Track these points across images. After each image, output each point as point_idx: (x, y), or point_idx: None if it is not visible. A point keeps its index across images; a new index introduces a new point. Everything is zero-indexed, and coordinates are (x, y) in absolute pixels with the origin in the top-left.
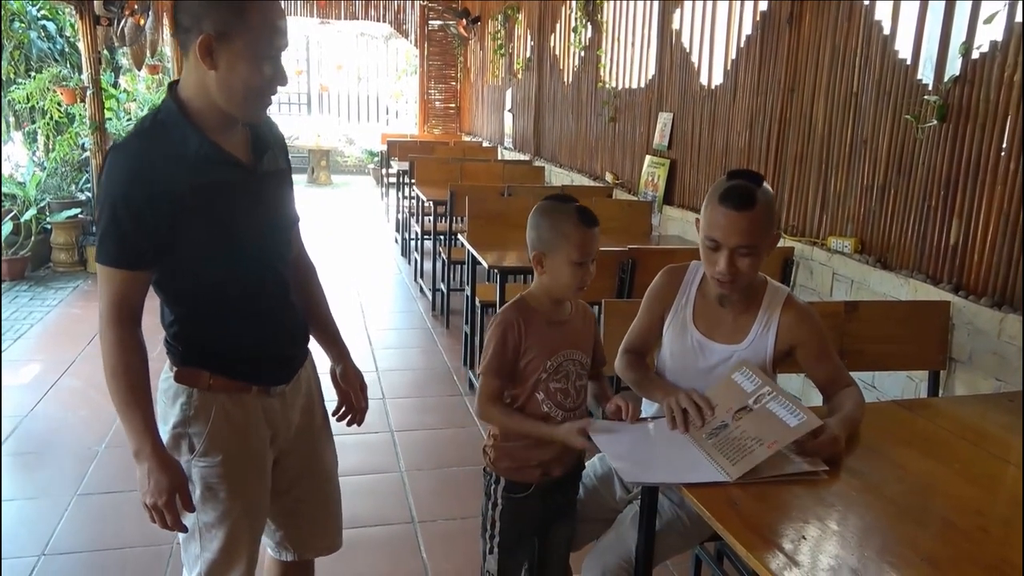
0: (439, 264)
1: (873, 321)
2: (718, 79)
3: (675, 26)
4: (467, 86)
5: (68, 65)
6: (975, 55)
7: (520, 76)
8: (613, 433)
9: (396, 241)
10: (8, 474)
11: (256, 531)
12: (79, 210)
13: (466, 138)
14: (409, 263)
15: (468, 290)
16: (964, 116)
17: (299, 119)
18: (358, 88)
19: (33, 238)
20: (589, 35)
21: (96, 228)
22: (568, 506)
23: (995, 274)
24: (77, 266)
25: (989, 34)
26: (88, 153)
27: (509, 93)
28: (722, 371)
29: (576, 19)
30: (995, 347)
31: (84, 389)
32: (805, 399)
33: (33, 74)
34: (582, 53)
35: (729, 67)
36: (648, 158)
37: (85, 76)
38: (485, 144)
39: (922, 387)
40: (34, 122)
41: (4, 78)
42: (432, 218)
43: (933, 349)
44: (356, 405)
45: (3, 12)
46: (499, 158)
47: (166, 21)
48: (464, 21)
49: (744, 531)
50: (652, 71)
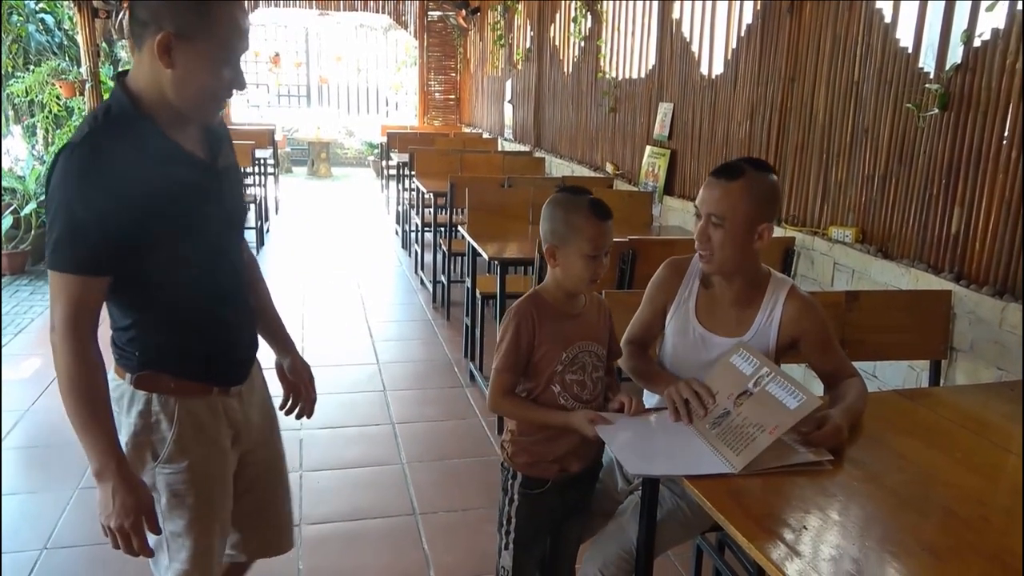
0: (439, 256)
1: (874, 311)
2: (718, 69)
3: (675, 16)
4: (467, 77)
5: (67, 58)
6: (977, 43)
7: (520, 67)
8: (617, 425)
9: (396, 233)
10: (10, 468)
11: (224, 537)
12: None
13: (466, 129)
14: (409, 255)
15: (468, 282)
16: (966, 105)
17: (299, 111)
18: (358, 80)
19: (33, 232)
20: (589, 25)
21: (48, 232)
22: (583, 502)
23: (996, 263)
24: None
25: (991, 22)
26: None
27: (509, 84)
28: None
29: (576, 9)
30: (996, 336)
31: None
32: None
33: (32, 68)
34: (582, 43)
35: (729, 57)
36: (648, 148)
37: (84, 69)
38: (485, 135)
39: (923, 376)
40: (33, 116)
41: (3, 72)
42: (432, 210)
43: (934, 338)
44: (306, 397)
45: (1, 6)
46: (499, 149)
47: None
48: (463, 12)
49: (745, 521)
50: (652, 61)
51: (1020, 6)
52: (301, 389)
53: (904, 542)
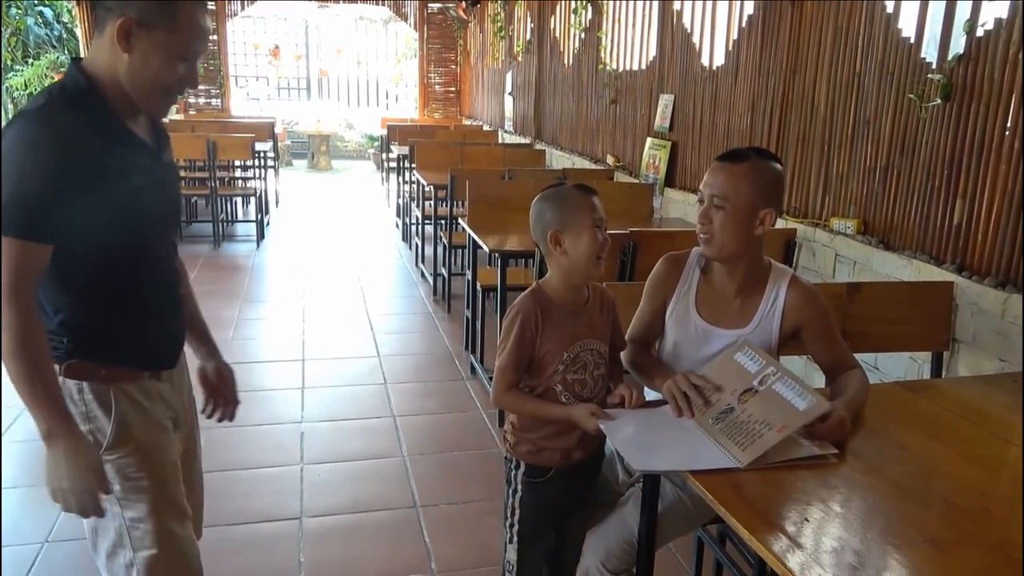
0: (440, 249)
1: (876, 302)
2: (719, 60)
3: (676, 7)
4: (467, 69)
5: (66, 51)
6: (979, 33)
7: (520, 59)
8: (619, 419)
9: (397, 226)
10: (11, 462)
11: (187, 521)
12: None
13: (466, 122)
14: (410, 248)
15: (469, 274)
16: (968, 95)
17: (298, 104)
18: (357, 72)
19: None
20: (589, 16)
21: None
22: (587, 493)
23: (999, 254)
24: None
25: (993, 12)
26: None
27: (509, 76)
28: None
29: (576, 0)
30: (998, 327)
31: None
32: (808, 382)
33: (31, 61)
34: (582, 35)
35: (731, 48)
36: (649, 140)
37: None
38: (486, 128)
39: (925, 368)
40: None
41: (3, 65)
42: (433, 202)
43: (936, 330)
44: (230, 400)
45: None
46: (499, 142)
47: None
48: (463, 4)
49: (747, 514)
50: (653, 52)
51: None
52: (224, 392)
53: (906, 534)
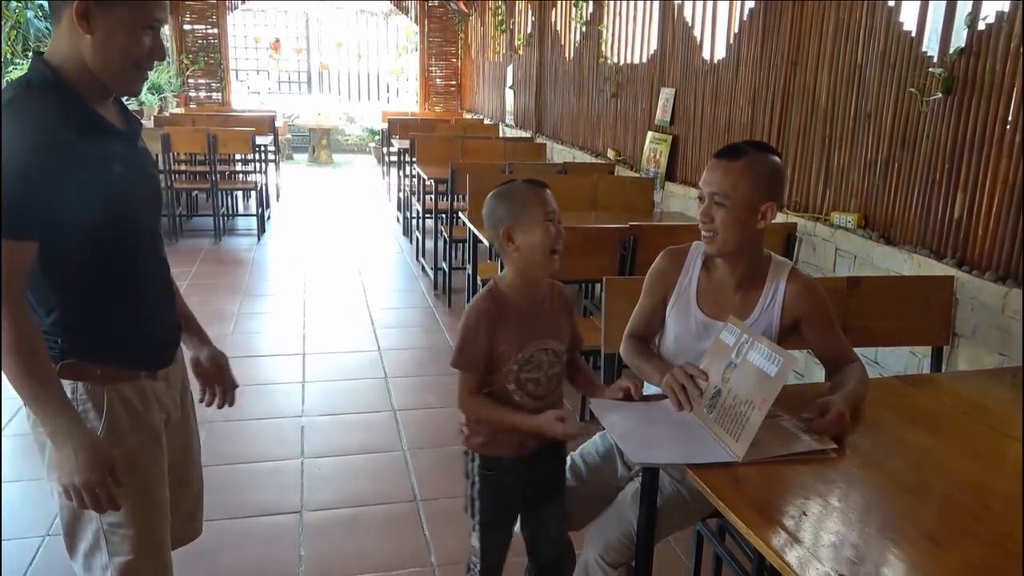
0: (440, 243)
1: (876, 297)
2: (720, 53)
3: (677, 1)
4: (468, 63)
5: None
6: (981, 26)
7: (521, 52)
8: (619, 413)
9: (397, 220)
10: (12, 455)
11: (167, 523)
12: None
13: (467, 115)
14: (411, 242)
15: (469, 268)
16: (969, 89)
17: (299, 98)
18: (358, 66)
19: None
20: (590, 10)
21: None
22: (552, 483)
23: (999, 248)
24: None
25: (995, 5)
26: None
27: (510, 70)
28: None
29: None
30: (999, 322)
31: None
32: (808, 375)
33: (31, 54)
34: (583, 28)
35: (731, 41)
36: (650, 134)
37: None
38: (487, 121)
39: (925, 363)
40: None
41: (2, 58)
42: (433, 196)
43: (936, 324)
44: (227, 386)
45: None
46: (500, 135)
47: None
48: None
49: (745, 508)
50: (654, 46)
51: None
52: (220, 379)
53: (904, 529)
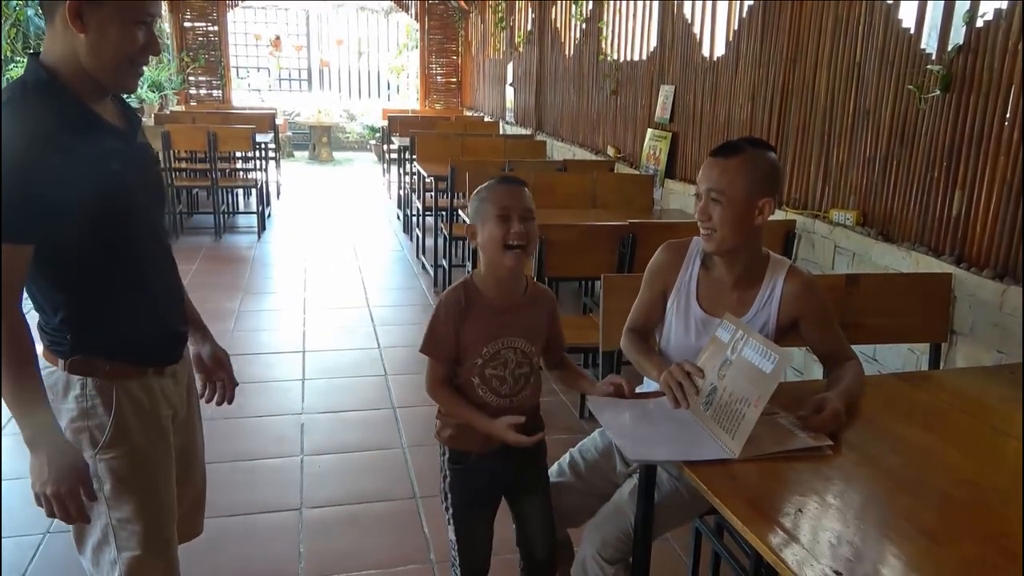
0: (441, 240)
1: (874, 294)
2: (720, 51)
3: None
4: (468, 60)
5: None
6: (979, 24)
7: (521, 49)
8: (616, 410)
9: (398, 217)
10: (15, 451)
11: (174, 521)
12: None
13: (468, 113)
14: (411, 239)
15: (469, 266)
16: (968, 86)
17: (300, 95)
18: (359, 63)
19: None
20: (590, 7)
21: None
22: (529, 477)
23: (997, 245)
24: None
25: (993, 2)
26: None
27: (510, 67)
28: None
29: None
30: (997, 319)
31: None
32: (807, 373)
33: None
34: (583, 25)
35: (731, 38)
36: (650, 131)
37: None
38: (487, 119)
39: (923, 360)
40: None
41: (2, 56)
42: (433, 194)
43: (935, 321)
44: (228, 382)
45: None
46: (500, 133)
47: None
48: None
49: (742, 505)
50: (654, 43)
51: None
52: (221, 376)
53: (901, 526)
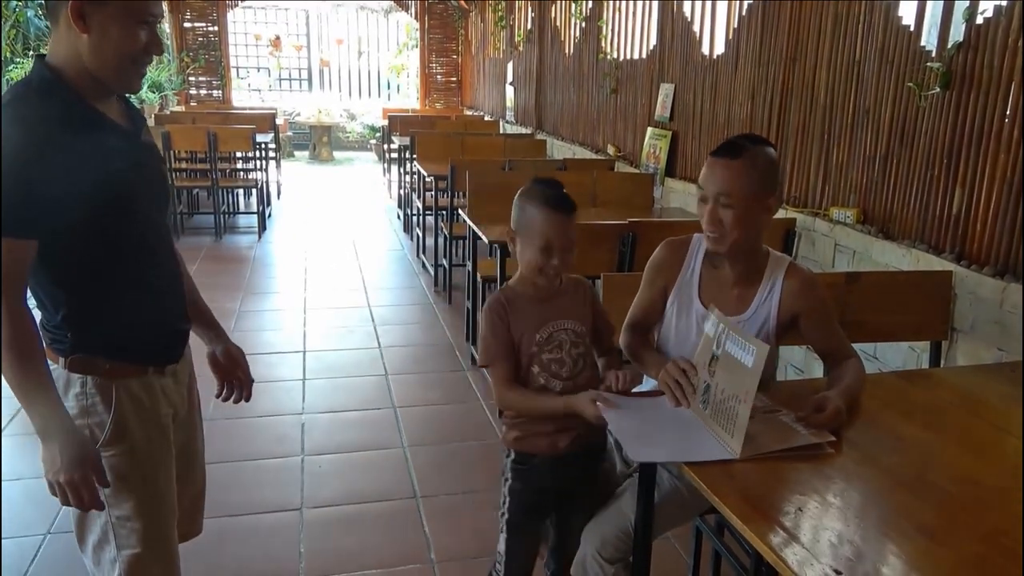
0: (441, 239)
1: (874, 292)
2: (720, 49)
3: None
4: (468, 59)
5: None
6: (979, 21)
7: (521, 48)
8: (619, 408)
9: (398, 217)
10: (15, 452)
11: (175, 519)
12: None
13: (468, 112)
14: (411, 239)
15: (469, 265)
16: (968, 83)
17: (300, 95)
18: (359, 63)
19: None
20: (590, 6)
21: None
22: (583, 490)
23: (998, 243)
24: None
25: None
26: None
27: (510, 66)
28: None
29: None
30: (997, 316)
31: None
32: (807, 371)
33: (31, 53)
34: (583, 24)
35: (731, 37)
36: (650, 130)
37: None
38: (487, 118)
39: (924, 357)
40: None
41: (2, 57)
42: (433, 193)
43: (935, 319)
44: (244, 380)
45: None
46: (501, 132)
47: None
48: None
49: (741, 504)
50: (654, 42)
51: None
52: (237, 374)
53: (901, 525)
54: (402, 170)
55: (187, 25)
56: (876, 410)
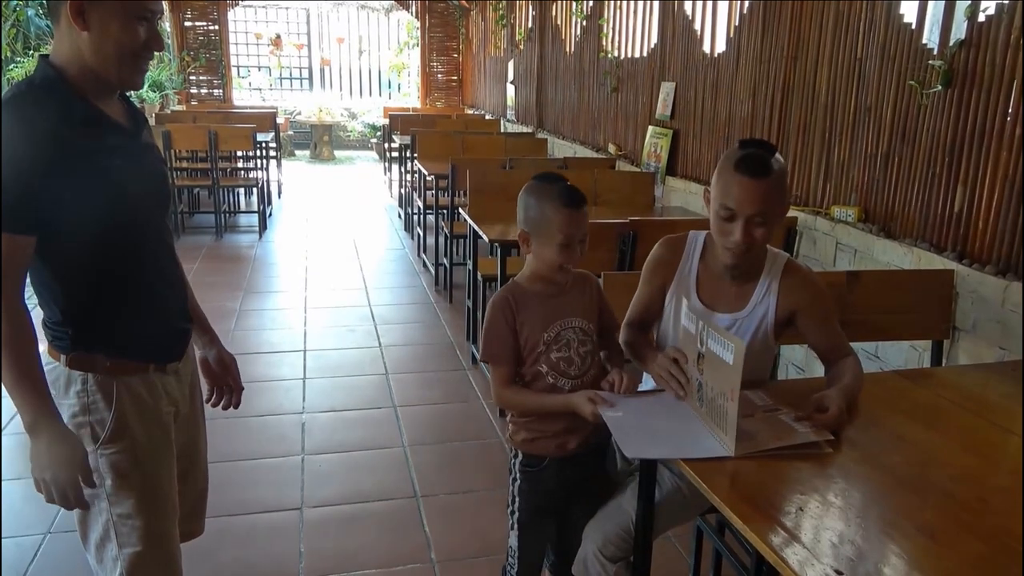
0: (441, 238)
1: (876, 291)
2: (721, 47)
3: None
4: (469, 58)
5: None
6: (981, 18)
7: (522, 47)
8: (617, 406)
9: (399, 216)
10: (15, 452)
11: (176, 517)
12: None
13: (468, 111)
14: (412, 238)
15: (470, 264)
16: (969, 81)
17: (300, 94)
18: (360, 62)
19: None
20: (591, 4)
21: None
22: (587, 487)
23: (999, 242)
24: None
25: None
26: None
27: (511, 65)
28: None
29: None
30: (999, 315)
31: None
32: (808, 370)
33: (32, 52)
34: (584, 23)
35: (732, 34)
36: (651, 128)
37: None
38: (488, 117)
39: (925, 356)
40: None
41: (3, 57)
42: (434, 192)
43: (936, 318)
44: (235, 387)
45: None
46: (501, 131)
47: None
48: None
49: (741, 503)
50: (655, 40)
51: None
52: (228, 381)
53: (902, 524)
54: (403, 169)
55: (188, 24)
56: (877, 409)
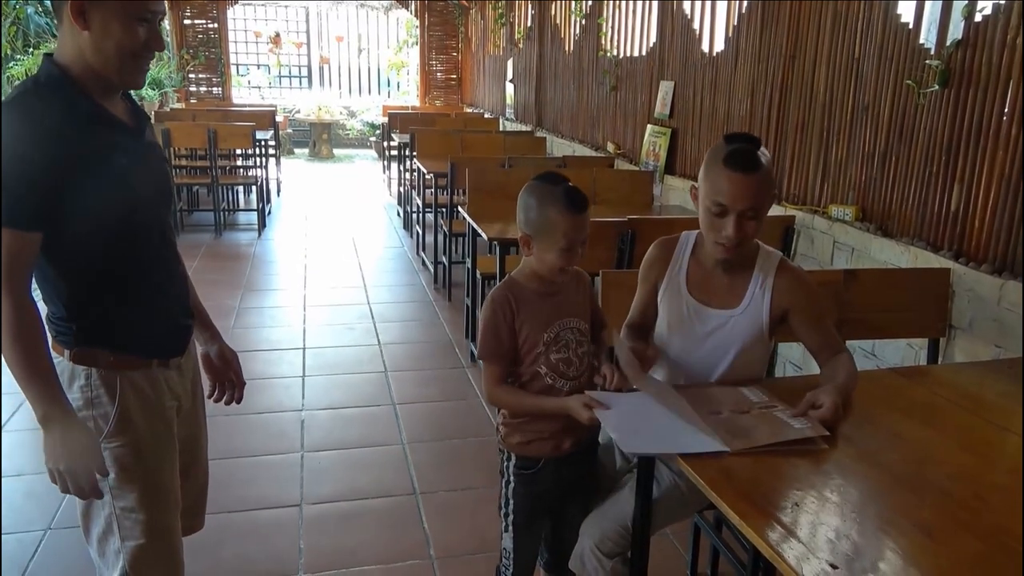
0: (440, 237)
1: (873, 289)
2: (719, 46)
3: None
4: (468, 56)
5: None
6: (978, 18)
7: (521, 46)
8: (613, 403)
9: (398, 214)
10: (16, 449)
11: (178, 511)
12: None
13: (468, 109)
14: (411, 236)
15: (469, 262)
16: (966, 81)
17: (300, 92)
18: (359, 60)
19: None
20: (590, 3)
21: None
22: (582, 485)
23: (996, 240)
24: None
25: None
26: None
27: (510, 63)
28: (719, 336)
29: None
30: (995, 314)
31: None
32: (806, 368)
33: (31, 50)
34: (583, 21)
35: (730, 34)
36: (650, 127)
37: None
38: (487, 115)
39: (922, 355)
40: None
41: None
42: (433, 191)
43: (933, 316)
44: (237, 382)
45: None
46: (500, 129)
47: None
48: None
49: (739, 500)
50: (653, 39)
51: None
52: (230, 376)
53: (899, 522)
54: (402, 167)
55: (187, 22)
56: (874, 407)
